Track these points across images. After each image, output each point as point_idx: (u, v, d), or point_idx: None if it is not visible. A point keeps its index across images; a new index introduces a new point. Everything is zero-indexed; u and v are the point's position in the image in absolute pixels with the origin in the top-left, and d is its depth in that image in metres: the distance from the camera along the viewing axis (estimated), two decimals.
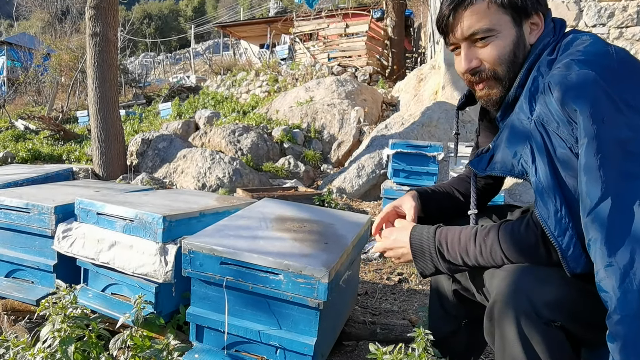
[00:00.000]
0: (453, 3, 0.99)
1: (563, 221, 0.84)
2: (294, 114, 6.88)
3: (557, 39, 0.98)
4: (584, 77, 0.83)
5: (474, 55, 1.00)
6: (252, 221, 1.62)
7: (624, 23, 5.68)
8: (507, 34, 0.97)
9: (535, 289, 0.87)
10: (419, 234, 1.07)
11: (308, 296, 1.26)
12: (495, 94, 1.03)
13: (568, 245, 0.84)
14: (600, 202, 0.77)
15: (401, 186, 4.11)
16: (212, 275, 1.36)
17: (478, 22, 0.97)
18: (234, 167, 4.66)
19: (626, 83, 0.84)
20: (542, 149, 0.87)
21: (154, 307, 1.62)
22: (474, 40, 0.99)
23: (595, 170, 0.78)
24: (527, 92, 0.94)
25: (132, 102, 12.26)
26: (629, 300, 0.73)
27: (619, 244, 0.75)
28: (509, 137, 0.95)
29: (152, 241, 1.59)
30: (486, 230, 0.98)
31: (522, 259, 0.93)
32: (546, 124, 0.87)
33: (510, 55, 0.98)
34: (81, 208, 1.76)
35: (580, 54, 0.88)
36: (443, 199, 1.27)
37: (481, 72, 1.01)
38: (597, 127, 0.79)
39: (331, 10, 12.63)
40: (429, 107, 5.54)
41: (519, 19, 0.98)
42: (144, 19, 41.17)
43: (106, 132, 5.06)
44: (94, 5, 4.92)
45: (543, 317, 0.85)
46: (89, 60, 5.09)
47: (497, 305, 0.90)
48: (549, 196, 0.85)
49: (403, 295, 2.38)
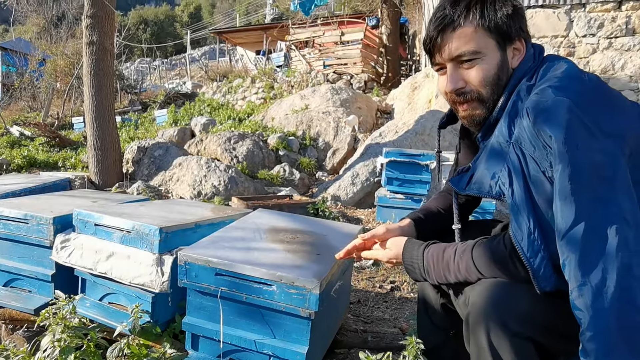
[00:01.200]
0: (441, 25, 1.02)
1: (535, 243, 0.88)
2: (290, 121, 6.94)
3: (537, 64, 1.03)
4: (558, 103, 0.87)
5: (459, 76, 1.04)
6: (247, 232, 1.66)
7: (613, 33, 5.79)
8: (492, 57, 1.01)
9: (505, 303, 0.92)
10: (410, 252, 1.13)
11: (300, 306, 1.31)
12: (478, 115, 1.06)
13: (539, 266, 0.88)
14: (574, 225, 0.81)
15: (395, 194, 4.18)
16: (207, 286, 1.41)
17: (465, 44, 1.01)
18: (230, 175, 4.71)
19: (599, 108, 0.89)
20: (519, 171, 0.91)
21: (151, 316, 1.66)
22: (460, 62, 1.03)
23: (569, 194, 0.82)
24: (506, 116, 0.98)
25: (128, 109, 12.29)
26: (600, 319, 0.77)
27: (592, 265, 0.79)
28: (488, 159, 1.00)
29: (148, 252, 1.64)
30: (463, 248, 1.03)
31: (495, 275, 0.98)
32: (523, 147, 0.91)
33: (494, 78, 1.02)
34: (79, 219, 1.80)
35: (557, 81, 0.93)
36: (435, 221, 1.31)
37: (466, 93, 1.04)
38: (571, 153, 0.83)
39: (327, 18, 12.73)
40: (423, 116, 5.61)
41: (503, 43, 1.02)
42: (140, 24, 41.20)
43: (102, 140, 5.09)
44: (90, 14, 4.96)
45: (511, 329, 0.90)
46: (85, 68, 5.13)
47: (471, 316, 0.96)
48: (523, 218, 0.89)
49: (395, 303, 2.43)
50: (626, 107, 0.95)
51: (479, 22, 1.00)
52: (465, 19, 1.01)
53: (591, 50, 5.87)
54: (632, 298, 0.77)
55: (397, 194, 4.16)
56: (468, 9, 1.01)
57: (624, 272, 0.78)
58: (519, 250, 0.90)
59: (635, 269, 0.78)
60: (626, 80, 5.74)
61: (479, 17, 1.00)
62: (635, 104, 0.99)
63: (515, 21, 1.02)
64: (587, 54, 5.88)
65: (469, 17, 1.00)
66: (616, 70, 5.79)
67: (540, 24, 5.97)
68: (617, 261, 0.78)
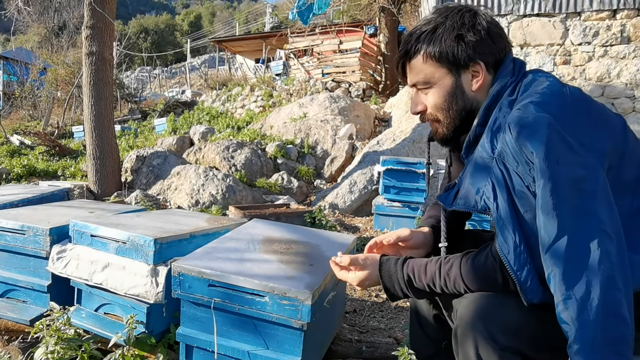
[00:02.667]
0: (400, 57, 1.14)
1: (522, 256, 0.89)
2: (288, 129, 6.97)
3: (517, 79, 1.04)
4: (539, 119, 0.88)
5: (419, 100, 1.14)
6: (241, 243, 1.68)
7: (609, 42, 5.83)
8: (443, 84, 1.09)
9: (493, 316, 0.93)
10: (388, 268, 1.12)
11: (292, 317, 1.32)
12: (440, 133, 1.16)
13: (526, 279, 0.89)
14: (557, 239, 0.83)
15: (392, 202, 4.19)
16: (200, 297, 1.42)
17: (416, 75, 1.11)
18: (227, 184, 4.73)
19: (580, 123, 0.91)
20: (502, 186, 0.92)
21: (146, 327, 1.67)
22: (419, 89, 1.13)
23: (551, 209, 0.84)
24: (489, 131, 1.00)
25: (128, 117, 12.34)
26: (586, 331, 0.78)
27: (576, 278, 0.80)
28: (472, 174, 1.02)
29: (143, 263, 1.65)
30: (449, 264, 1.03)
31: (482, 288, 0.99)
32: (507, 162, 0.93)
33: (448, 103, 1.10)
34: (75, 230, 1.81)
35: (538, 96, 0.94)
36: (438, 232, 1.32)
37: (425, 115, 1.15)
38: (552, 168, 0.85)
39: (325, 27, 12.81)
40: (420, 124, 5.64)
41: (456, 69, 1.08)
42: (141, 33, 41.47)
43: (101, 150, 5.12)
44: (90, 25, 5.01)
45: (499, 343, 0.91)
46: (85, 78, 5.17)
47: (459, 330, 0.97)
48: (508, 232, 0.90)
49: (391, 312, 2.43)
50: (607, 120, 0.96)
51: (427, 53, 1.08)
52: (416, 51, 1.09)
53: (587, 58, 5.92)
54: (616, 310, 0.79)
55: (394, 202, 4.17)
56: (418, 42, 1.09)
57: (608, 284, 0.79)
58: (506, 264, 0.91)
59: (619, 281, 0.80)
60: (622, 88, 5.78)
61: (426, 49, 1.08)
62: (619, 116, 1.00)
63: (467, 47, 1.06)
64: (583, 62, 5.92)
65: (420, 49, 1.09)
66: (612, 78, 5.83)
67: (537, 33, 6.02)
68: (600, 274, 0.79)
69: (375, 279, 1.13)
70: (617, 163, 0.92)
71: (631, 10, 5.73)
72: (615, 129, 0.95)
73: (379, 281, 1.12)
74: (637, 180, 0.95)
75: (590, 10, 5.84)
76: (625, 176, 0.93)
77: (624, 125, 0.98)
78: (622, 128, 0.97)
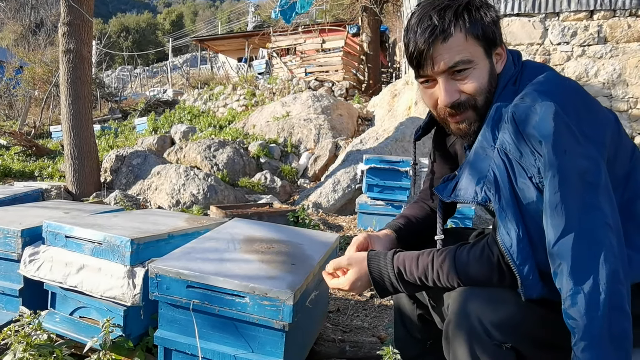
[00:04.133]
0: (432, 36, 0.96)
1: (525, 250, 0.87)
2: (271, 128, 6.92)
3: (518, 69, 1.02)
4: (546, 108, 0.86)
5: (454, 88, 0.99)
6: (221, 243, 1.64)
7: (586, 42, 5.93)
8: (482, 65, 0.99)
9: (487, 311, 0.90)
10: (377, 262, 1.07)
11: (273, 318, 1.29)
12: (474, 126, 1.03)
13: (528, 274, 0.87)
14: (564, 233, 0.81)
15: (375, 201, 4.19)
16: (179, 299, 1.38)
17: (458, 54, 0.96)
18: (209, 184, 4.66)
19: (581, 113, 0.89)
20: (505, 177, 0.89)
21: (123, 330, 1.62)
22: (453, 73, 0.98)
23: (558, 202, 0.82)
24: (490, 121, 0.96)
25: (108, 117, 12.12)
26: (594, 327, 0.77)
27: (584, 273, 0.79)
28: (472, 165, 0.97)
29: (120, 264, 1.60)
30: (443, 256, 1.00)
31: (476, 282, 0.96)
32: (509, 152, 0.90)
33: (487, 85, 1.00)
34: (49, 231, 1.75)
35: (540, 85, 0.92)
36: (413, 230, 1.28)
37: (462, 104, 1.00)
38: (560, 159, 0.82)
39: (308, 26, 12.78)
40: (403, 123, 5.65)
41: (490, 50, 1.00)
42: (121, 32, 40.81)
43: (79, 149, 5.00)
44: (67, 21, 4.89)
45: (494, 339, 0.88)
46: (62, 76, 5.04)
47: (451, 326, 0.94)
48: (512, 224, 0.87)
49: (374, 311, 2.42)
50: (603, 113, 0.95)
51: (468, 30, 0.97)
52: (455, 27, 0.96)
53: (566, 58, 6.01)
54: (620, 304, 0.78)
55: (378, 200, 4.17)
56: (457, 17, 0.97)
57: (612, 277, 0.78)
58: (508, 257, 0.88)
59: (621, 274, 0.79)
60: (599, 87, 5.89)
61: (468, 25, 0.97)
62: (610, 110, 1.00)
63: (498, 27, 1.01)
64: (562, 61, 6.01)
65: (459, 25, 0.96)
66: (590, 78, 5.94)
67: (517, 32, 6.09)
68: (607, 268, 0.78)
69: (365, 276, 1.08)
70: (613, 156, 0.91)
71: (607, 11, 5.84)
72: (611, 123, 0.94)
73: (368, 278, 1.07)
74: (627, 175, 0.94)
75: (568, 10, 5.93)
76: (617, 171, 0.93)
77: (617, 120, 0.97)
78: (615, 122, 0.96)
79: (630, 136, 5.73)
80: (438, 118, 1.09)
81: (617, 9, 5.81)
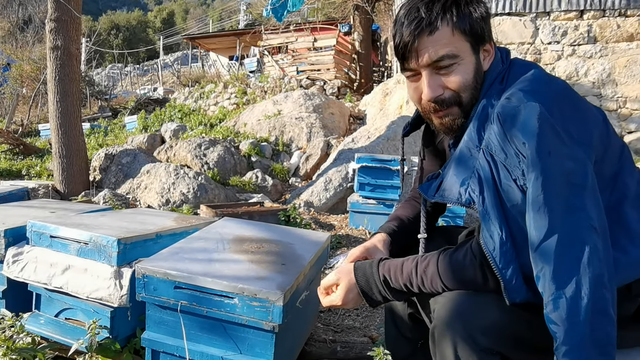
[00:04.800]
0: (418, 29, 0.95)
1: (508, 254, 0.85)
2: (262, 127, 6.88)
3: (505, 67, 1.00)
4: (531, 109, 0.84)
5: (438, 82, 0.98)
6: (209, 243, 1.61)
7: (576, 41, 5.97)
8: (469, 61, 0.97)
9: (472, 317, 0.88)
10: (363, 272, 1.06)
11: (263, 319, 1.26)
12: (458, 122, 1.01)
13: (511, 277, 0.85)
14: (547, 236, 0.79)
15: (367, 199, 4.18)
16: (166, 300, 1.35)
17: (444, 47, 0.95)
18: (199, 182, 4.62)
19: (567, 114, 0.87)
20: (489, 179, 0.88)
21: (110, 332, 1.59)
22: (437, 67, 0.97)
23: (542, 204, 0.80)
24: (476, 120, 0.95)
25: (98, 115, 11.99)
26: (576, 332, 0.75)
27: (566, 277, 0.77)
28: (457, 165, 0.96)
29: (106, 264, 1.57)
30: (426, 262, 0.98)
31: (460, 287, 0.94)
32: (494, 153, 0.88)
33: (472, 82, 0.98)
34: (33, 231, 1.71)
35: (527, 85, 0.90)
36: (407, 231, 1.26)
37: (445, 99, 0.99)
38: (544, 160, 0.81)
39: (299, 24, 12.75)
40: (394, 122, 5.65)
41: (477, 45, 0.98)
42: (112, 29, 40.40)
43: (68, 148, 4.92)
44: (54, 18, 4.81)
45: (480, 344, 0.86)
46: (49, 74, 4.96)
47: (437, 330, 0.92)
48: (495, 227, 0.86)
49: (366, 310, 2.40)
50: (592, 113, 0.94)
51: (455, 24, 0.95)
52: (442, 21, 0.95)
53: (556, 57, 6.04)
54: (604, 308, 0.76)
55: (369, 199, 4.16)
56: (444, 11, 0.95)
57: (596, 282, 0.77)
58: (491, 261, 0.86)
59: (606, 279, 0.78)
60: (589, 87, 5.93)
61: (455, 19, 0.95)
62: (599, 109, 0.98)
63: (487, 23, 1.00)
64: (553, 60, 6.05)
65: (447, 19, 0.95)
66: (580, 77, 5.97)
67: (508, 31, 6.11)
68: (590, 272, 0.77)
69: (355, 288, 1.06)
70: (601, 158, 0.89)
71: (597, 11, 5.88)
72: (599, 123, 0.93)
73: (358, 290, 1.05)
74: (615, 175, 0.93)
75: (558, 10, 5.96)
76: (605, 171, 0.91)
77: (605, 119, 0.96)
78: (604, 122, 0.94)
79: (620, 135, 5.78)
80: (422, 113, 1.08)
81: (607, 9, 5.85)
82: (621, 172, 0.94)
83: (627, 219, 0.92)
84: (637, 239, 0.91)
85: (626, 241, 0.90)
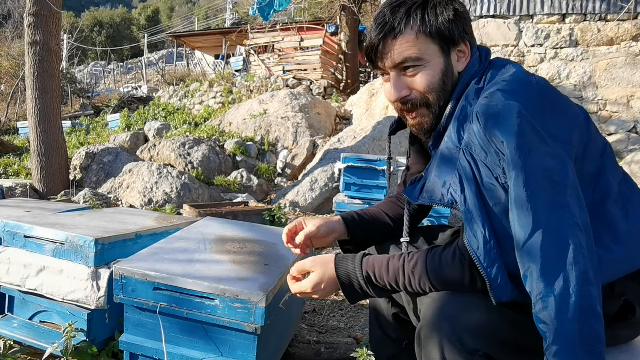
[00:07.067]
0: (382, 32, 0.98)
1: (492, 252, 0.85)
2: (248, 126, 6.83)
3: (484, 67, 1.00)
4: (508, 107, 0.84)
5: (403, 84, 1.00)
6: (191, 243, 1.57)
7: (559, 44, 6.05)
8: (435, 63, 0.98)
9: (459, 316, 0.87)
10: (345, 266, 1.03)
11: (245, 321, 1.23)
12: (427, 122, 1.03)
13: (496, 276, 0.84)
14: (532, 234, 0.78)
15: (352, 199, 4.16)
16: (145, 301, 1.31)
17: (407, 50, 0.97)
18: (182, 182, 4.55)
19: (547, 112, 0.87)
20: (470, 178, 0.87)
21: (87, 335, 1.54)
22: (403, 69, 1.00)
23: (525, 202, 0.79)
24: (455, 121, 0.95)
25: (79, 113, 11.77)
26: (565, 330, 0.75)
27: (553, 275, 0.76)
28: (438, 166, 0.96)
29: (83, 265, 1.52)
30: (414, 261, 0.96)
31: (448, 287, 0.93)
32: (474, 153, 0.88)
33: (439, 84, 0.99)
34: (6, 231, 1.65)
35: (505, 84, 0.90)
36: (371, 223, 1.24)
37: (411, 100, 1.01)
38: (523, 158, 0.80)
39: (286, 24, 12.70)
40: (380, 122, 5.65)
41: (447, 47, 0.99)
42: (94, 26, 39.75)
43: (47, 146, 4.81)
44: (33, 12, 4.70)
45: (466, 346, 0.85)
46: (27, 69, 4.85)
47: (423, 331, 0.91)
48: (477, 226, 0.85)
49: (351, 311, 2.39)
50: (572, 111, 0.94)
51: (420, 28, 0.97)
52: (406, 25, 0.97)
53: (539, 60, 6.12)
54: (591, 305, 0.76)
55: (355, 199, 4.14)
56: (408, 15, 0.97)
57: (582, 279, 0.76)
58: (475, 260, 0.86)
59: (591, 275, 0.77)
60: (571, 89, 6.02)
61: (419, 23, 0.97)
62: (581, 107, 0.98)
63: (457, 25, 0.99)
64: (536, 62, 6.12)
65: (410, 23, 0.97)
66: (562, 79, 6.06)
67: (492, 33, 6.17)
68: (576, 269, 0.76)
69: (330, 278, 1.03)
70: (581, 155, 0.89)
71: (578, 15, 5.97)
72: (579, 121, 0.92)
73: (335, 281, 1.03)
74: (597, 174, 0.93)
75: (541, 13, 6.04)
76: (587, 169, 0.91)
77: (587, 117, 0.95)
78: (585, 120, 0.94)
79: None
80: (397, 112, 1.10)
81: (588, 13, 5.95)
82: (603, 170, 0.94)
83: (611, 218, 0.92)
84: (621, 237, 0.91)
85: (609, 240, 0.90)
